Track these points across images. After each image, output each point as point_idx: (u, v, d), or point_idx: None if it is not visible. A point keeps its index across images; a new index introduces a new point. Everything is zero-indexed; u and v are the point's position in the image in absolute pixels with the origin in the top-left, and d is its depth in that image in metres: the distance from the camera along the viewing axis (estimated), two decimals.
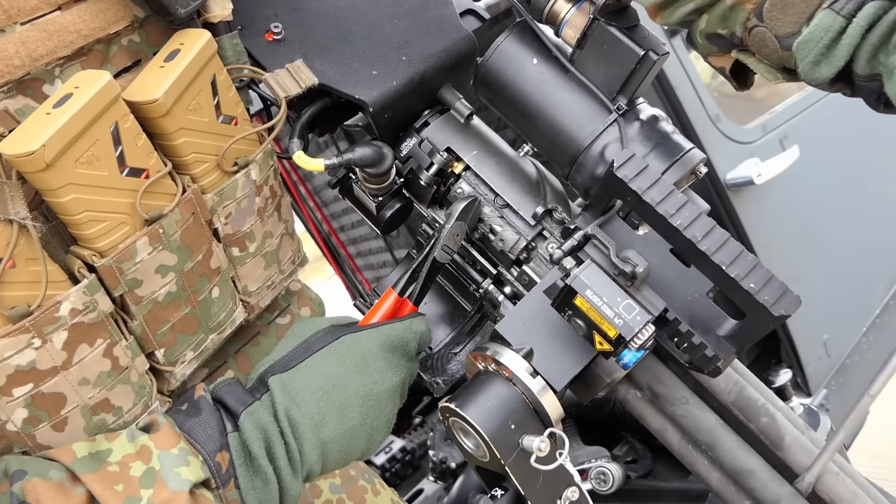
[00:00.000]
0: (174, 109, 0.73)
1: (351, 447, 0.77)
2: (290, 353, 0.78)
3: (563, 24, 0.87)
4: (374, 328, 0.81)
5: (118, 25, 0.73)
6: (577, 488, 0.74)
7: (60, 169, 0.65)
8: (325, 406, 0.74)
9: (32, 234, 0.65)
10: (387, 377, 0.79)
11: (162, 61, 0.74)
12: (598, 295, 0.71)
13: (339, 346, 0.78)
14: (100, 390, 0.74)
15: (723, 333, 0.72)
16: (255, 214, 0.88)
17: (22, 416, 0.69)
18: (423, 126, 0.96)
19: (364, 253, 3.30)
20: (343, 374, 0.76)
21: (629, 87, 0.86)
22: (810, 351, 2.16)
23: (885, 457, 3.10)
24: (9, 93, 0.66)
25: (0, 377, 0.66)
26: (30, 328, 0.66)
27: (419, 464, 2.53)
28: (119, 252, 0.72)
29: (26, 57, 0.66)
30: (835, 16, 0.69)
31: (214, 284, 0.85)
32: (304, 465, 0.73)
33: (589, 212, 0.78)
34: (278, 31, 0.90)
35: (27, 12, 0.66)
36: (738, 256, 0.65)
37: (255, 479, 0.71)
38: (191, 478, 0.66)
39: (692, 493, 1.85)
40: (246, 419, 0.71)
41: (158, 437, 0.68)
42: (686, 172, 0.85)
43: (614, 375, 0.79)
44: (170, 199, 0.76)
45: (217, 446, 0.70)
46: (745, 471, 0.81)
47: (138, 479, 0.65)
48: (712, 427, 0.83)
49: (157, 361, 0.82)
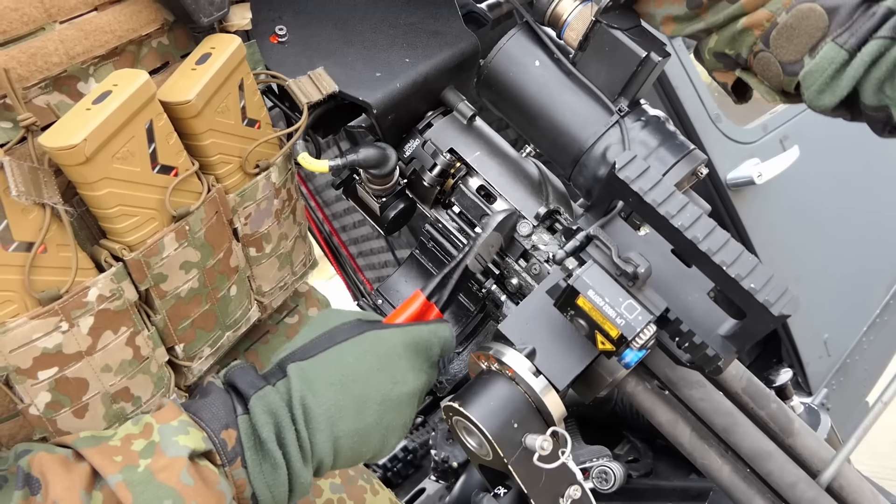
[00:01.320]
0: (204, 111, 0.75)
1: (364, 446, 0.74)
2: (313, 341, 0.75)
3: (566, 26, 0.88)
4: (399, 327, 0.78)
5: (150, 28, 0.75)
6: (580, 487, 0.75)
7: (98, 163, 0.67)
8: (342, 399, 0.72)
9: (64, 219, 0.67)
10: (408, 379, 0.76)
11: (194, 64, 0.76)
12: (599, 295, 0.71)
13: (363, 341, 0.75)
14: (121, 378, 0.75)
15: (723, 333, 0.72)
16: (273, 216, 0.90)
17: (45, 401, 0.70)
18: (426, 127, 0.96)
19: (365, 253, 3.31)
20: (365, 368, 0.74)
21: (631, 89, 0.87)
22: (811, 350, 2.17)
23: (885, 455, 3.10)
24: (45, 89, 0.69)
25: (27, 359, 0.67)
26: (58, 311, 0.68)
27: (421, 463, 2.52)
28: (147, 247, 0.74)
29: (64, 55, 0.68)
30: (838, 49, 0.73)
31: (233, 283, 0.87)
32: (315, 456, 0.71)
33: (591, 212, 0.79)
34: (282, 34, 0.91)
35: (67, 11, 0.69)
36: (739, 257, 0.66)
37: (264, 464, 0.69)
38: (189, 444, 0.65)
39: (693, 492, 1.85)
40: (256, 402, 0.69)
41: (160, 413, 0.68)
42: (687, 173, 0.86)
43: (616, 375, 0.80)
44: (195, 197, 0.78)
45: (222, 424, 0.68)
46: (763, 453, 0.81)
47: (138, 452, 0.64)
48: (729, 409, 0.83)
49: (177, 356, 0.84)
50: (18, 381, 0.68)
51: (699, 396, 0.83)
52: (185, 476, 0.63)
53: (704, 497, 1.73)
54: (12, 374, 0.67)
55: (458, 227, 0.97)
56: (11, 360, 0.66)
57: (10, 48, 0.64)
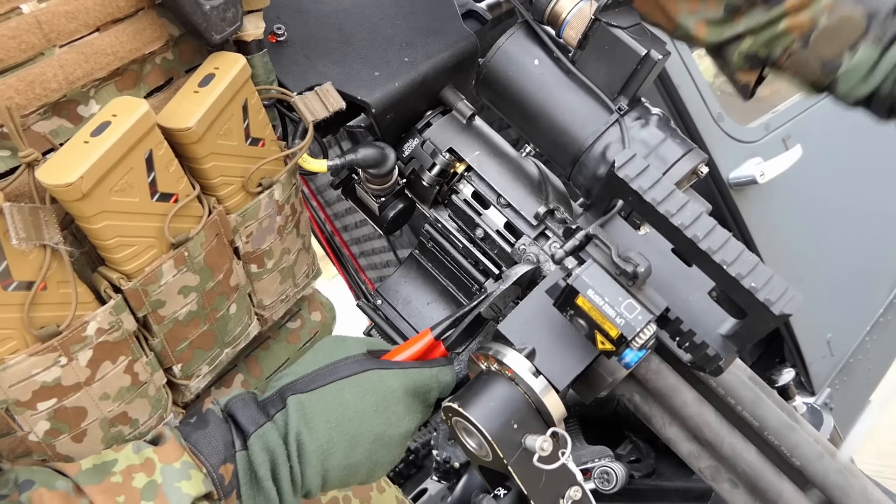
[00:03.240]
0: (206, 136, 0.73)
1: (351, 479, 0.77)
2: (315, 372, 0.77)
3: (565, 24, 0.87)
4: (402, 369, 0.80)
5: (154, 45, 0.72)
6: (580, 488, 0.75)
7: (96, 198, 0.65)
8: (336, 437, 0.74)
9: (64, 257, 0.66)
10: (403, 422, 0.79)
11: (196, 86, 0.73)
12: (599, 294, 0.71)
13: (364, 380, 0.77)
14: (119, 404, 0.75)
15: (724, 333, 0.72)
16: (276, 233, 0.88)
17: (44, 429, 0.70)
18: (425, 127, 0.96)
19: (367, 253, 3.31)
20: (362, 409, 0.76)
21: (630, 88, 0.86)
22: (814, 350, 2.16)
23: (890, 455, 3.09)
24: (45, 114, 0.66)
25: (26, 392, 0.67)
26: (57, 347, 0.67)
27: (423, 463, 2.53)
28: (146, 275, 0.72)
29: (63, 80, 0.65)
30: (874, 48, 0.81)
31: (232, 301, 0.85)
32: (304, 487, 0.75)
33: (590, 212, 0.78)
34: (281, 33, 0.90)
35: (67, 35, 0.65)
36: (739, 256, 0.65)
37: (258, 497, 0.72)
38: (192, 492, 0.67)
39: (696, 493, 1.85)
40: (255, 441, 0.72)
41: (163, 450, 0.69)
42: (687, 172, 0.85)
43: (616, 375, 0.80)
44: (195, 221, 0.76)
45: (221, 459, 0.70)
46: (788, 425, 0.83)
47: (140, 490, 0.66)
48: (752, 383, 0.84)
49: (174, 375, 0.83)
50: (18, 411, 0.68)
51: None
52: None
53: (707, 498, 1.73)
54: (11, 405, 0.67)
55: (458, 227, 0.97)
56: (11, 394, 0.66)
57: (7, 76, 0.62)
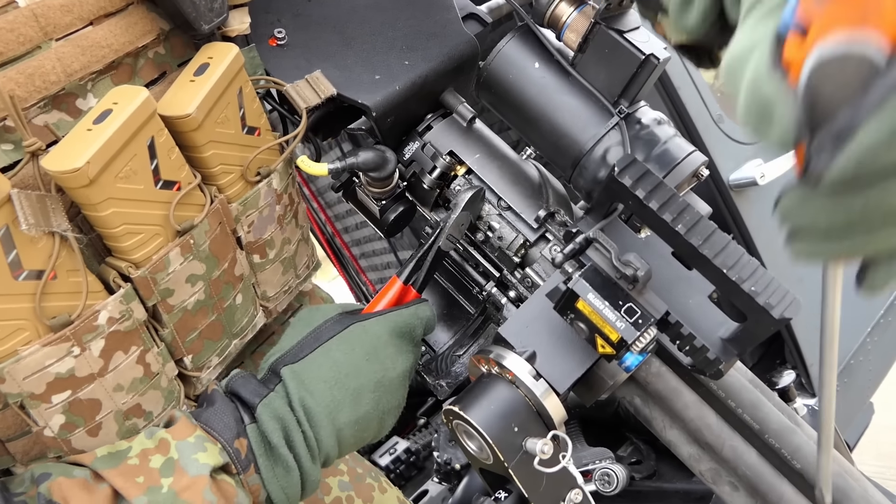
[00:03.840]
0: (205, 123, 0.75)
1: (364, 431, 0.78)
2: (300, 342, 0.78)
3: (565, 28, 0.87)
4: (382, 315, 0.81)
5: (146, 39, 0.74)
6: (581, 491, 0.75)
7: (102, 184, 0.66)
8: (338, 394, 0.75)
9: (73, 245, 0.67)
10: (397, 363, 0.80)
11: (192, 75, 0.75)
12: (599, 298, 0.71)
13: (349, 335, 0.79)
14: (132, 396, 0.76)
15: (724, 336, 0.72)
16: (276, 222, 0.90)
17: (59, 423, 0.70)
18: (425, 130, 0.96)
19: (368, 254, 3.30)
20: (355, 362, 0.77)
21: (631, 91, 0.86)
22: (814, 352, 2.16)
23: (890, 456, 3.09)
24: (45, 108, 0.68)
25: (40, 385, 0.67)
26: (70, 337, 0.68)
27: (424, 465, 2.52)
28: (153, 263, 0.74)
29: (62, 72, 0.67)
30: None
31: (238, 291, 0.87)
32: (322, 451, 0.75)
33: (591, 215, 0.78)
34: (281, 37, 0.90)
35: (62, 28, 0.67)
36: (739, 259, 0.65)
37: (277, 468, 0.72)
38: (209, 462, 0.67)
39: (696, 495, 1.85)
40: (263, 410, 0.72)
41: (175, 429, 0.70)
42: (688, 175, 0.85)
43: (616, 378, 0.80)
44: (198, 209, 0.78)
45: (234, 433, 0.71)
46: (789, 428, 0.82)
47: (158, 469, 0.66)
48: (753, 385, 0.84)
49: (185, 367, 0.84)
50: (32, 405, 0.68)
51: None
52: (208, 494, 0.66)
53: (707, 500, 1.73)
54: (26, 399, 0.68)
55: None
56: (25, 386, 0.66)
57: (7, 69, 0.64)
